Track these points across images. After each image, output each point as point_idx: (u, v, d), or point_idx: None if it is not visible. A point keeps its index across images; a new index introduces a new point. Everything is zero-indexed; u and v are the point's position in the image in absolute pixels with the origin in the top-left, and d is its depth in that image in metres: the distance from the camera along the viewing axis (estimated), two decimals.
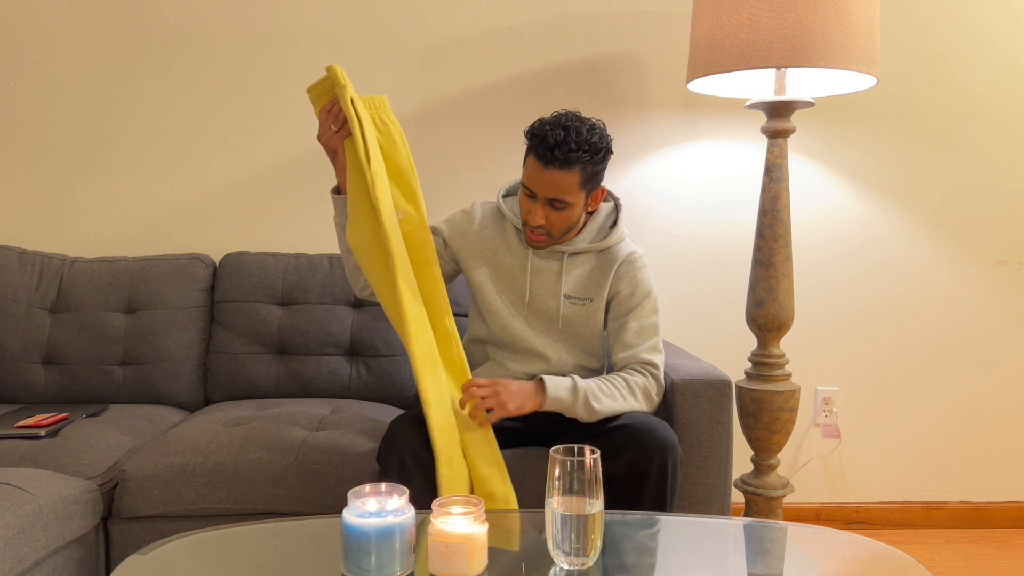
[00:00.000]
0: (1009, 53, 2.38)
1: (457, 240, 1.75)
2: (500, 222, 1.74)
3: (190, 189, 2.35)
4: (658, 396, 1.65)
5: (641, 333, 1.67)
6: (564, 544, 1.09)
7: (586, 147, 1.52)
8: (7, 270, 2.13)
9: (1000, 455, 2.49)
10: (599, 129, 1.56)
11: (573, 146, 1.52)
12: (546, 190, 1.56)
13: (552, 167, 1.53)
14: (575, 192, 1.57)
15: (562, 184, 1.54)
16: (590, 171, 1.56)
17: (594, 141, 1.54)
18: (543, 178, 1.55)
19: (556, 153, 1.52)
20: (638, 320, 1.67)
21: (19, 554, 1.34)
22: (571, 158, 1.52)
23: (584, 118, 1.57)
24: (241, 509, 1.67)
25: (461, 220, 1.76)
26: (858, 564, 1.17)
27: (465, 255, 1.74)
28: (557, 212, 1.59)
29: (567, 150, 1.51)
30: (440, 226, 1.77)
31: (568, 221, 1.61)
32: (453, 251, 1.76)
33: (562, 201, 1.57)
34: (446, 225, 1.77)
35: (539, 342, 1.71)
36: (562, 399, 1.57)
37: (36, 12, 2.28)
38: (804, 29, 1.73)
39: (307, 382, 2.13)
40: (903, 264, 2.43)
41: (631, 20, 2.35)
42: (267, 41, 2.31)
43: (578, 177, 1.55)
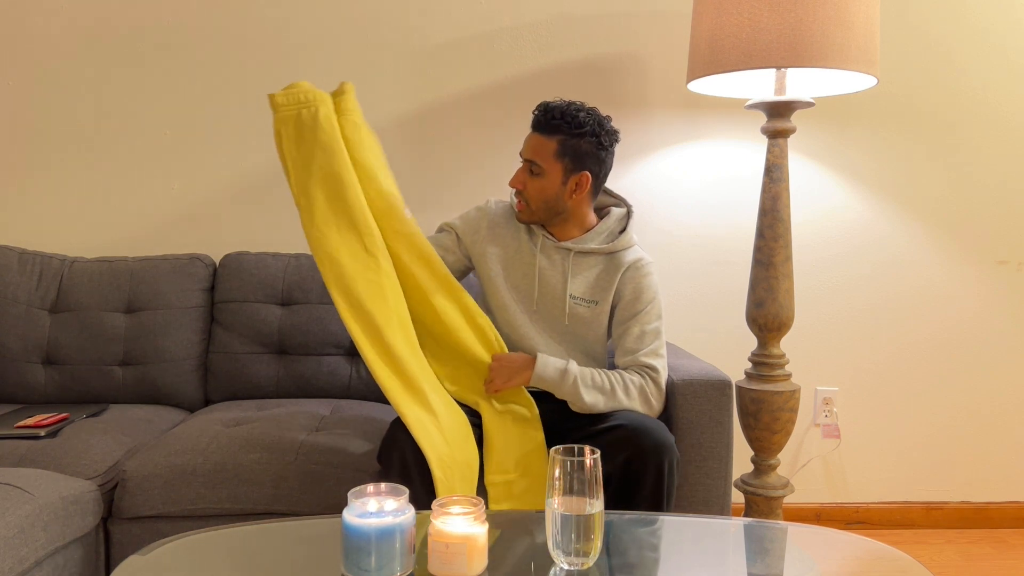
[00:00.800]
0: (1009, 53, 2.38)
1: (470, 236, 1.78)
2: (512, 219, 1.77)
3: (190, 189, 2.35)
4: (657, 401, 1.65)
5: (642, 338, 1.67)
6: (564, 544, 1.09)
7: (569, 119, 1.63)
8: (7, 270, 2.13)
9: (1000, 455, 2.49)
10: (595, 115, 1.66)
11: (557, 115, 1.63)
12: (526, 151, 1.67)
13: (536, 131, 1.66)
14: (550, 159, 1.64)
15: (539, 148, 1.65)
16: (569, 145, 1.64)
17: (580, 117, 1.63)
18: (528, 141, 1.68)
19: (542, 117, 1.65)
20: (640, 325, 1.68)
21: (19, 554, 1.34)
22: (552, 125, 1.63)
23: (591, 108, 1.67)
24: (241, 509, 1.67)
25: (475, 217, 1.80)
26: (858, 564, 1.17)
27: (477, 251, 1.77)
28: (533, 178, 1.66)
29: (550, 117, 1.63)
30: (455, 223, 1.81)
31: (543, 193, 1.66)
32: (466, 247, 1.79)
33: (537, 165, 1.65)
34: (460, 221, 1.81)
35: (542, 341, 1.71)
36: (549, 378, 1.61)
37: (36, 12, 2.28)
38: (804, 29, 1.73)
39: (307, 382, 2.13)
40: (903, 264, 2.43)
41: (631, 20, 2.35)
42: (267, 41, 2.31)
43: (555, 145, 1.64)
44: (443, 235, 1.81)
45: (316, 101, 1.55)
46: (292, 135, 1.55)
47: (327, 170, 1.54)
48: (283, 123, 1.54)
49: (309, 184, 1.54)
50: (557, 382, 1.61)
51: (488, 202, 1.81)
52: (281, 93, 1.54)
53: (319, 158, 1.54)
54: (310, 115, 1.54)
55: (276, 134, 1.55)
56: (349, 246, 1.55)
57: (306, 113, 1.54)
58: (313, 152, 1.54)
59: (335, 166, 1.55)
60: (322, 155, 1.54)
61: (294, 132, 1.55)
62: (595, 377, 1.62)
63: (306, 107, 1.55)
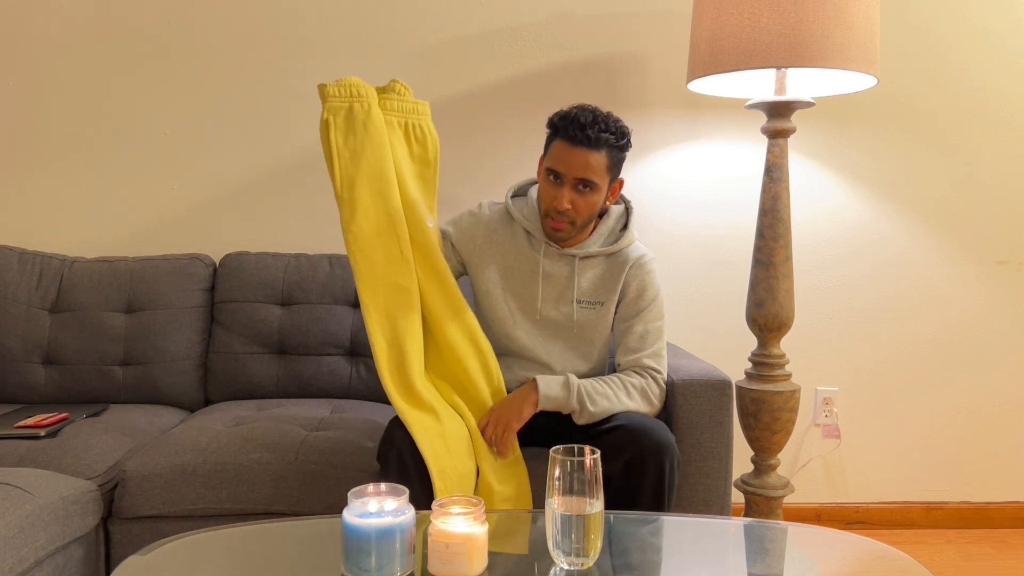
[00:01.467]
0: (1009, 53, 2.38)
1: (466, 244, 1.73)
2: (509, 224, 1.72)
3: (190, 189, 2.35)
4: (659, 400, 1.64)
5: (645, 338, 1.66)
6: (564, 544, 1.09)
7: (614, 129, 1.57)
8: (7, 270, 2.13)
9: (1000, 455, 2.49)
10: (620, 121, 1.61)
11: (603, 126, 1.55)
12: (575, 169, 1.56)
13: (582, 146, 1.55)
14: (602, 174, 1.58)
15: (591, 163, 1.56)
16: (615, 157, 1.59)
17: (621, 126, 1.59)
18: (572, 158, 1.56)
19: (588, 132, 1.54)
20: (643, 324, 1.67)
21: (19, 554, 1.34)
22: (600, 139, 1.55)
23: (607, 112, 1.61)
24: (241, 509, 1.67)
25: (469, 223, 1.74)
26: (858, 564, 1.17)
27: (474, 259, 1.72)
28: (583, 196, 1.59)
29: (598, 130, 1.55)
30: (447, 228, 1.75)
31: (592, 208, 1.61)
32: (462, 255, 1.74)
33: (590, 182, 1.57)
34: (453, 228, 1.75)
35: (544, 349, 1.69)
36: (556, 396, 1.58)
37: (36, 12, 2.28)
38: (804, 29, 1.73)
39: (307, 382, 2.13)
40: (903, 264, 2.43)
41: (631, 20, 2.35)
42: (268, 41, 2.31)
43: (605, 160, 1.57)
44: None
45: (369, 97, 1.55)
46: (342, 126, 1.53)
47: (375, 168, 1.53)
48: (333, 113, 1.53)
49: (356, 179, 1.52)
50: (565, 396, 1.58)
51: (481, 206, 1.75)
52: (333, 84, 1.53)
53: (368, 154, 1.53)
54: (363, 110, 1.54)
55: (323, 123, 1.53)
56: (387, 248, 1.54)
57: (358, 108, 1.54)
58: (364, 147, 1.53)
59: (383, 165, 1.54)
60: (372, 152, 1.53)
61: (344, 124, 1.53)
62: (596, 386, 1.60)
63: (359, 101, 1.54)
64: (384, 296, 1.54)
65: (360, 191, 1.53)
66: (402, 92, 1.62)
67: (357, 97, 1.54)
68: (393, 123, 1.60)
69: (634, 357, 1.65)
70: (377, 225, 1.54)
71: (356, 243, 1.53)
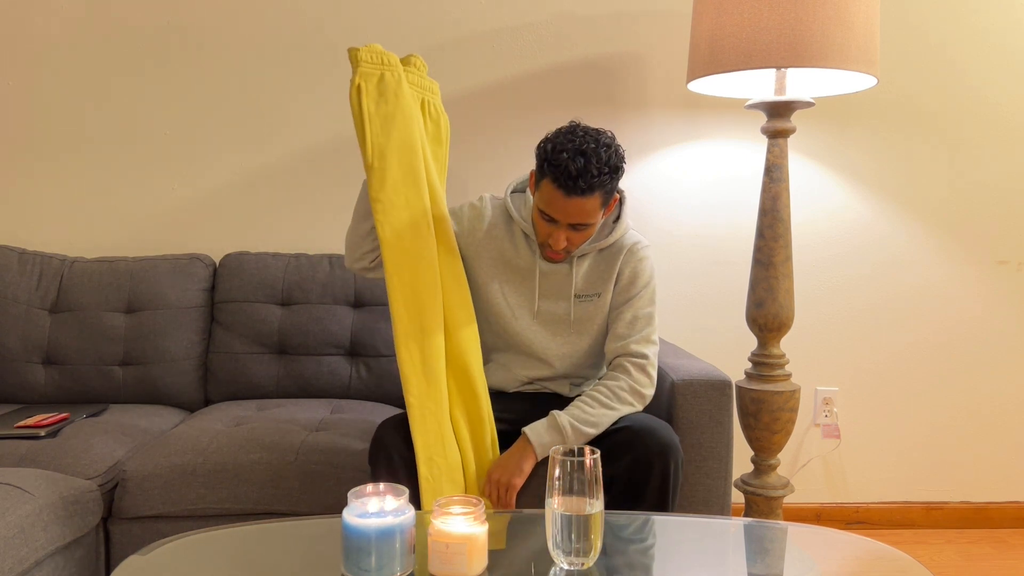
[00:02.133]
0: (1009, 53, 2.38)
1: (466, 237, 1.72)
2: (509, 224, 1.71)
3: (190, 189, 2.35)
4: (649, 390, 1.63)
5: (634, 324, 1.65)
6: (564, 544, 1.09)
7: (606, 171, 1.48)
8: (7, 270, 2.13)
9: (1000, 455, 2.49)
10: (613, 146, 1.51)
11: (594, 172, 1.47)
12: (569, 217, 1.52)
13: (575, 195, 1.49)
14: (596, 213, 1.54)
15: (585, 209, 1.51)
16: (609, 189, 1.53)
17: (613, 163, 1.50)
18: (566, 207, 1.51)
19: (579, 183, 1.47)
20: (632, 310, 1.66)
21: (19, 554, 1.34)
22: (593, 184, 1.48)
23: (597, 135, 1.51)
24: (241, 509, 1.67)
25: (471, 216, 1.72)
26: (858, 564, 1.17)
27: (473, 253, 1.71)
28: (579, 232, 1.57)
29: (589, 178, 1.47)
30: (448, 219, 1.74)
31: (588, 236, 1.60)
32: (461, 247, 1.73)
33: (585, 224, 1.55)
34: (453, 218, 1.73)
35: (543, 346, 1.69)
36: (548, 441, 1.55)
37: (36, 12, 2.28)
38: (804, 29, 1.73)
39: (307, 382, 2.13)
40: (903, 264, 2.43)
41: (631, 20, 2.35)
42: (268, 41, 2.31)
43: (599, 199, 1.52)
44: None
45: (398, 66, 1.52)
46: (373, 94, 1.50)
47: (406, 138, 1.51)
48: (365, 79, 1.49)
49: (387, 148, 1.49)
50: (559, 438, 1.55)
51: (483, 199, 1.74)
52: (364, 49, 1.50)
53: (399, 124, 1.50)
54: (394, 79, 1.50)
55: (355, 88, 1.49)
56: (414, 220, 1.52)
57: (390, 76, 1.50)
58: (395, 117, 1.50)
59: (413, 136, 1.51)
60: (403, 122, 1.50)
61: (376, 91, 1.50)
62: (586, 408, 1.57)
63: (390, 69, 1.51)
64: (410, 269, 1.52)
65: (391, 161, 1.50)
66: (420, 67, 1.60)
67: (388, 65, 1.51)
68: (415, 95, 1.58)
69: (622, 343, 1.64)
70: (406, 196, 1.52)
71: (384, 213, 1.50)
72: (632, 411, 1.61)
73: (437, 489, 1.49)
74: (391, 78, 1.51)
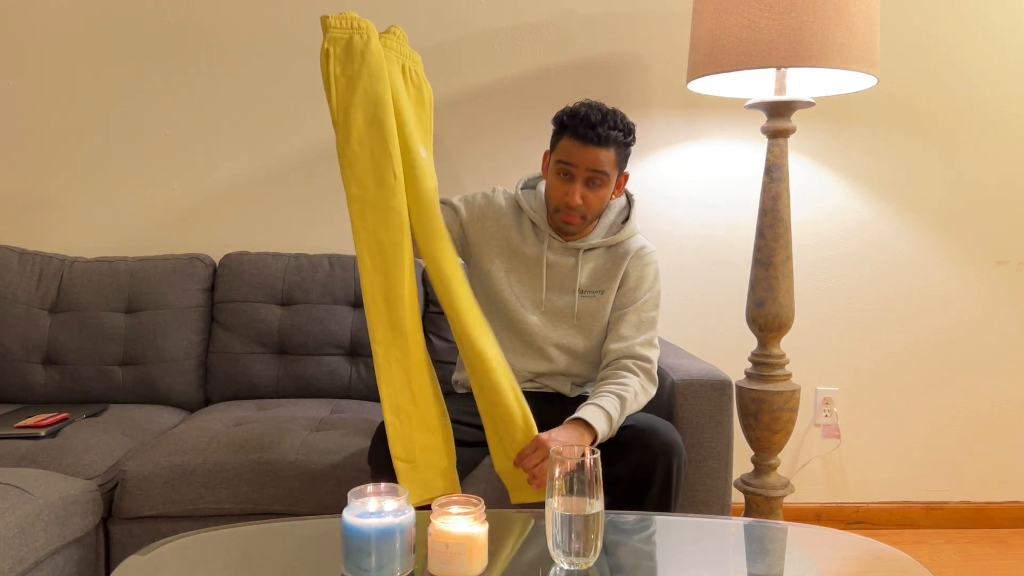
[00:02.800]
0: (1010, 52, 2.38)
1: (475, 224, 1.73)
2: (518, 214, 1.74)
3: (190, 189, 2.35)
4: (652, 391, 1.64)
5: (639, 327, 1.67)
6: (564, 544, 1.09)
7: (622, 126, 1.59)
8: (7, 270, 2.13)
9: (1000, 455, 2.49)
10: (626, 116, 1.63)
11: (611, 124, 1.57)
12: (586, 162, 1.59)
13: (592, 144, 1.58)
14: (612, 168, 1.61)
15: (601, 159, 1.59)
16: (623, 152, 1.62)
17: (627, 122, 1.61)
18: (583, 155, 1.59)
19: (598, 130, 1.57)
20: (637, 314, 1.67)
21: (19, 554, 1.33)
22: (610, 136, 1.57)
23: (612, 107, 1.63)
24: (241, 509, 1.67)
25: (482, 205, 1.74)
26: (858, 564, 1.17)
27: (480, 241, 1.73)
28: (593, 191, 1.61)
29: (607, 127, 1.57)
30: (458, 205, 1.75)
31: (602, 202, 1.64)
32: (468, 235, 1.74)
33: (603, 174, 1.60)
34: (465, 206, 1.75)
35: (544, 337, 1.70)
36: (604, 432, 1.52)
37: (36, 12, 2.28)
38: (804, 29, 1.73)
39: (307, 382, 2.13)
40: (903, 264, 2.43)
41: (632, 20, 2.35)
42: (268, 41, 2.31)
43: (615, 156, 1.60)
44: (446, 210, 1.74)
45: (369, 31, 1.57)
46: (340, 56, 1.55)
47: (371, 92, 1.54)
48: (333, 43, 1.54)
49: (351, 103, 1.54)
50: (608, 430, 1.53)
51: (495, 191, 1.76)
52: (334, 16, 1.55)
53: (364, 80, 1.54)
54: (361, 41, 1.56)
55: (323, 53, 1.54)
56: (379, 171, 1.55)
57: (358, 39, 1.55)
58: (360, 74, 1.54)
59: (379, 90, 1.55)
60: (368, 78, 1.54)
61: (343, 54, 1.55)
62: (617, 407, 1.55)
63: (358, 33, 1.56)
64: (374, 219, 1.54)
65: (355, 115, 1.54)
66: (400, 36, 1.64)
67: (357, 29, 1.56)
68: (392, 59, 1.62)
69: (626, 344, 1.65)
70: (371, 149, 1.55)
71: (350, 167, 1.54)
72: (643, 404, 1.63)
73: (407, 436, 1.48)
74: (359, 40, 1.56)
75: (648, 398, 1.64)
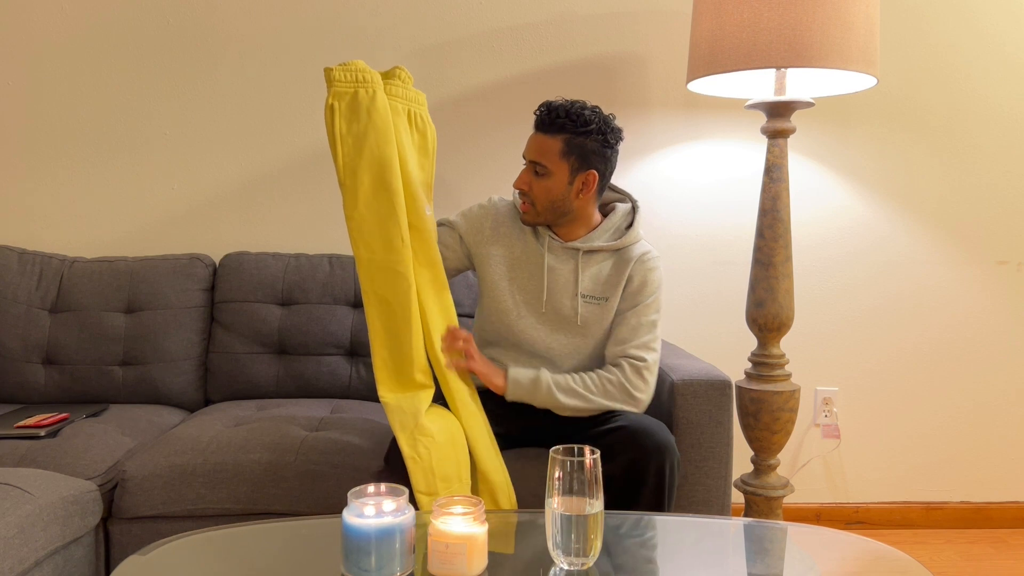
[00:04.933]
0: (1009, 52, 2.38)
1: (473, 236, 1.74)
2: (516, 218, 1.74)
3: (190, 189, 2.35)
4: (643, 394, 1.62)
5: (637, 330, 1.66)
6: (564, 544, 1.09)
7: (574, 117, 1.61)
8: (7, 270, 2.13)
9: (1000, 455, 2.49)
10: (599, 112, 1.63)
11: (561, 113, 1.61)
12: (531, 152, 1.65)
13: (539, 131, 1.64)
14: (555, 159, 1.62)
15: (544, 147, 1.63)
16: (575, 143, 1.62)
17: (584, 115, 1.62)
18: (531, 142, 1.65)
19: (544, 118, 1.62)
20: (637, 317, 1.66)
21: (19, 554, 1.33)
22: (556, 123, 1.61)
23: (595, 106, 1.65)
24: (241, 509, 1.67)
25: (479, 215, 1.76)
26: (858, 564, 1.17)
27: (480, 252, 1.73)
28: (538, 179, 1.64)
29: (555, 116, 1.61)
30: (456, 220, 1.77)
31: (549, 193, 1.64)
32: (468, 246, 1.75)
33: (542, 166, 1.63)
34: (462, 219, 1.76)
35: (546, 344, 1.69)
36: (524, 385, 1.61)
37: (36, 12, 2.28)
38: (804, 29, 1.73)
39: (307, 382, 2.13)
40: (903, 264, 2.43)
41: (631, 20, 2.35)
42: (268, 41, 2.31)
43: (560, 145, 1.62)
44: (444, 231, 1.76)
45: (374, 83, 1.54)
46: (346, 112, 1.52)
47: (377, 154, 1.52)
48: (338, 98, 1.52)
49: (358, 165, 1.52)
50: (530, 390, 1.60)
51: (491, 200, 1.77)
52: (338, 68, 1.52)
53: (371, 140, 1.52)
54: (367, 96, 1.53)
55: (328, 108, 1.52)
56: (387, 235, 1.54)
57: (363, 93, 1.53)
58: (367, 133, 1.52)
59: (386, 151, 1.53)
60: (375, 138, 1.52)
61: (348, 110, 1.52)
62: (570, 382, 1.61)
63: (363, 87, 1.53)
64: (383, 283, 1.54)
65: (362, 178, 1.52)
66: (405, 80, 1.61)
67: (362, 83, 1.53)
68: (398, 108, 1.59)
69: (621, 348, 1.65)
70: (378, 213, 1.54)
71: (358, 230, 1.54)
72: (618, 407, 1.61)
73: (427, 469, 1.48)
74: (364, 95, 1.53)
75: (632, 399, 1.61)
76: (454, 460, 1.51)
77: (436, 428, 1.51)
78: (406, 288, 1.55)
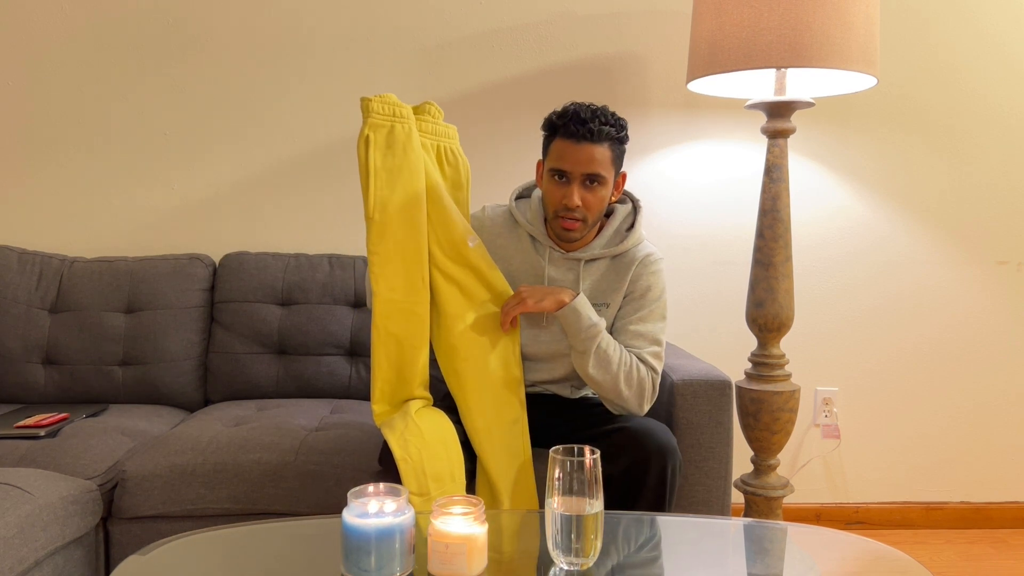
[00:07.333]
0: (1009, 52, 2.38)
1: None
2: (513, 229, 1.69)
3: (190, 189, 2.35)
4: (648, 402, 1.61)
5: (646, 336, 1.63)
6: (564, 544, 1.09)
7: (613, 122, 1.55)
8: (7, 270, 2.13)
9: (1000, 455, 2.49)
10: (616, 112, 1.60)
11: (603, 119, 1.54)
12: (582, 165, 1.54)
13: (585, 141, 1.53)
14: (609, 167, 1.56)
15: (596, 157, 1.54)
16: (617, 150, 1.58)
17: (618, 118, 1.57)
18: (578, 154, 1.54)
19: (590, 126, 1.52)
20: (644, 324, 1.63)
21: (19, 554, 1.33)
22: (603, 132, 1.53)
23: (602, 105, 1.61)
24: (241, 509, 1.67)
25: (474, 227, 1.69)
26: (858, 564, 1.17)
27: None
28: (592, 192, 1.56)
29: (599, 123, 1.53)
30: None
31: (602, 203, 1.59)
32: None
33: (599, 176, 1.55)
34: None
35: (549, 352, 1.67)
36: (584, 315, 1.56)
37: (36, 12, 2.28)
38: (804, 29, 1.73)
39: (307, 382, 2.13)
40: (903, 264, 2.43)
41: (631, 20, 2.35)
42: (269, 41, 2.31)
43: (609, 153, 1.56)
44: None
45: (410, 119, 1.53)
46: (382, 145, 1.50)
47: (410, 192, 1.51)
48: (375, 130, 1.50)
49: (389, 202, 1.50)
50: (583, 328, 1.55)
51: (484, 210, 1.72)
52: (376, 99, 1.51)
53: (405, 178, 1.51)
54: (404, 132, 1.52)
55: (363, 139, 1.50)
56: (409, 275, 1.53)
57: (400, 129, 1.51)
58: (402, 170, 1.51)
59: (418, 190, 1.52)
60: (409, 176, 1.51)
61: (384, 143, 1.51)
62: (611, 351, 1.56)
63: (400, 122, 1.52)
64: (399, 322, 1.52)
65: (392, 215, 1.51)
66: (435, 115, 1.60)
67: (399, 117, 1.52)
68: (427, 145, 1.58)
69: (635, 352, 1.61)
70: (405, 251, 1.52)
71: (380, 266, 1.51)
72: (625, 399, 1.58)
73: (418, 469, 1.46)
74: (401, 131, 1.52)
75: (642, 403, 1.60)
76: (446, 459, 1.49)
77: (426, 427, 1.49)
78: (421, 327, 1.54)
